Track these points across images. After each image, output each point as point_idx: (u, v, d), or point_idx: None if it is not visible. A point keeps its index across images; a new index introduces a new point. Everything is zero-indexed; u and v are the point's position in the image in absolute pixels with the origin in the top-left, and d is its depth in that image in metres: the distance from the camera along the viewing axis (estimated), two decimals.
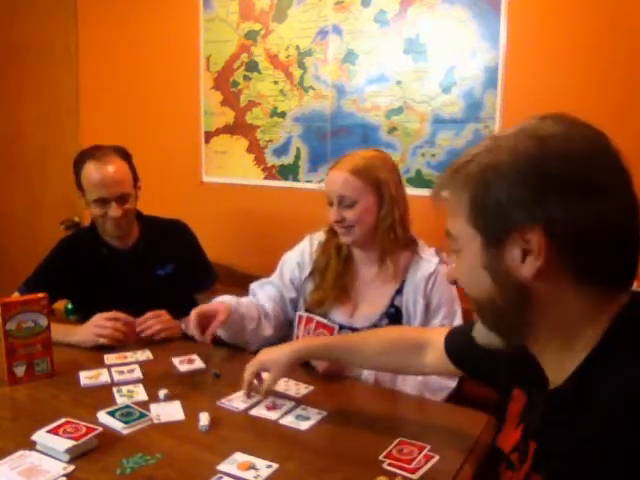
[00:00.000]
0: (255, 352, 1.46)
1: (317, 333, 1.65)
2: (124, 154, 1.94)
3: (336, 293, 1.69)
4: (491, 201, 0.72)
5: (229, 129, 2.62)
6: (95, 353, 1.66)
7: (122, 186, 1.88)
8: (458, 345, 1.18)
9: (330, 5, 2.32)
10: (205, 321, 1.55)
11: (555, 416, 0.74)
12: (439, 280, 1.63)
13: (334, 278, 1.70)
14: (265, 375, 1.37)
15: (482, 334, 0.83)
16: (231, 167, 2.64)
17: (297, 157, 2.47)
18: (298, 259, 1.79)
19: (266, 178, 2.56)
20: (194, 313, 1.53)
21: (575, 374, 0.72)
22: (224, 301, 1.63)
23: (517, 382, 0.89)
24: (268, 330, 1.74)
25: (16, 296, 1.84)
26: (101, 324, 1.71)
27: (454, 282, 0.85)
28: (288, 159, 2.50)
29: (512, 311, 0.75)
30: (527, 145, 0.71)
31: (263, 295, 1.79)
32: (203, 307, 1.58)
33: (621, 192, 0.70)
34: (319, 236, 1.79)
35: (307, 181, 2.46)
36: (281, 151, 2.51)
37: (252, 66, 2.52)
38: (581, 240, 0.69)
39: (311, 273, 1.76)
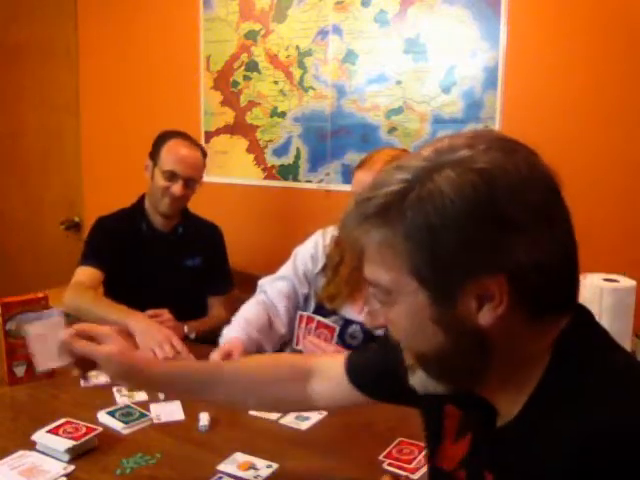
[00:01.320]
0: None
1: (318, 333, 1.65)
2: (204, 152, 2.06)
3: (350, 288, 1.68)
4: (441, 251, 0.62)
5: (229, 129, 2.62)
6: None
7: (195, 171, 1.97)
8: (363, 367, 1.01)
9: (330, 5, 2.32)
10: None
11: (508, 453, 0.70)
12: None
13: (348, 273, 1.68)
14: None
15: (422, 384, 0.73)
16: (231, 167, 2.64)
17: (297, 157, 2.47)
18: (311, 251, 1.78)
19: (266, 178, 2.56)
20: (214, 358, 1.50)
21: (524, 410, 0.68)
22: (238, 337, 1.60)
23: (450, 401, 0.82)
24: (282, 329, 1.73)
25: (83, 269, 1.91)
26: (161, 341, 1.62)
27: (381, 327, 0.75)
28: (288, 159, 2.50)
29: (466, 360, 0.68)
30: (471, 181, 0.61)
31: (274, 292, 1.76)
32: (220, 350, 1.52)
33: (564, 214, 0.66)
34: (332, 230, 1.78)
35: (307, 181, 2.46)
36: (281, 151, 2.51)
37: (252, 66, 2.52)
38: (539, 274, 0.63)
39: (323, 267, 1.75)
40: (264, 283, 1.81)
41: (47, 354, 1.20)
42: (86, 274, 1.89)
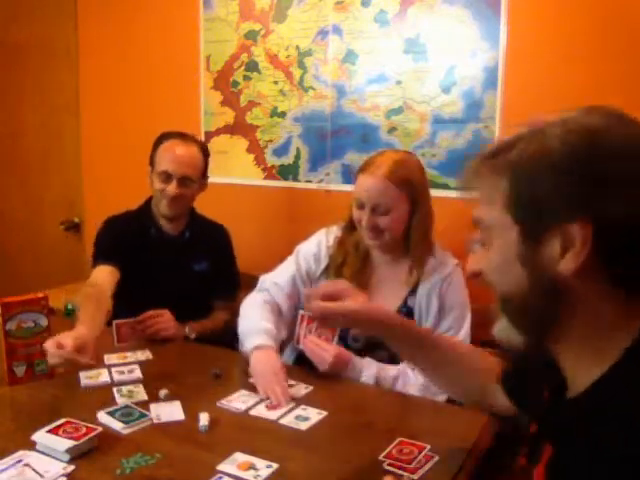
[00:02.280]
0: None
1: (318, 333, 1.65)
2: (204, 148, 2.02)
3: (358, 289, 1.67)
4: (536, 192, 0.67)
5: (229, 129, 2.62)
6: (95, 353, 1.66)
7: (189, 169, 1.93)
8: (515, 384, 1.05)
9: (330, 5, 2.32)
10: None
11: (573, 426, 0.71)
12: (455, 282, 1.64)
13: (351, 275, 1.67)
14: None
15: (504, 331, 0.77)
16: (231, 167, 2.64)
17: (297, 157, 2.47)
18: (314, 250, 1.76)
19: (266, 178, 2.56)
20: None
21: (597, 384, 0.69)
22: (272, 346, 1.55)
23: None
24: (283, 330, 1.69)
25: (98, 270, 1.88)
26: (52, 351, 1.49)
27: (476, 275, 0.79)
28: (288, 159, 2.50)
29: (542, 307, 0.71)
30: (579, 136, 0.67)
31: (278, 293, 1.73)
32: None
33: None
34: (335, 231, 1.76)
35: (307, 181, 2.46)
36: (281, 151, 2.51)
37: (252, 66, 2.53)
38: (626, 239, 0.65)
39: (326, 268, 1.74)
40: (265, 280, 1.78)
41: None
42: (102, 272, 1.86)
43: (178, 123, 2.73)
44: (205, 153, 2.02)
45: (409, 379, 1.55)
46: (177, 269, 2.00)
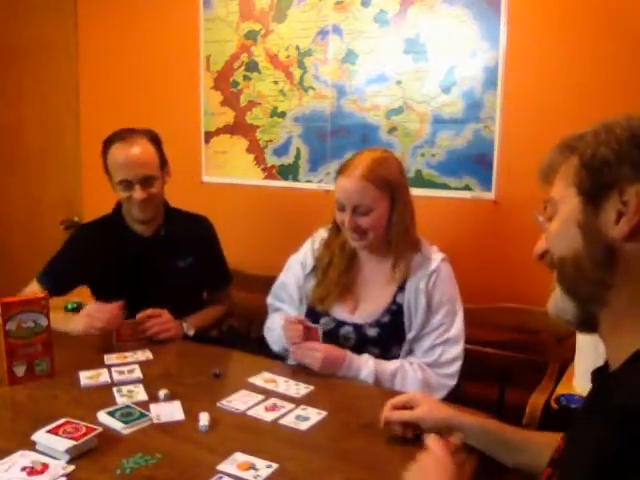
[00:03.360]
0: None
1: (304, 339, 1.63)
2: (153, 137, 1.92)
3: (339, 290, 1.69)
4: (599, 158, 0.75)
5: (229, 129, 2.62)
6: (95, 353, 1.66)
7: (146, 168, 1.85)
8: None
9: (330, 5, 2.32)
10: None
11: (597, 400, 0.76)
12: (441, 278, 1.64)
13: (337, 275, 1.70)
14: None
15: (556, 303, 0.83)
16: (231, 167, 2.64)
17: (297, 157, 2.47)
18: (301, 259, 1.79)
19: (266, 178, 2.56)
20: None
21: (631, 359, 0.73)
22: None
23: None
24: None
25: (34, 285, 1.87)
26: (94, 315, 1.70)
27: (542, 257, 0.84)
28: (288, 159, 2.50)
29: (595, 271, 0.76)
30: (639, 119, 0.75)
31: (288, 309, 1.79)
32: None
33: None
34: (321, 234, 1.78)
35: (307, 181, 2.46)
36: (281, 151, 2.51)
37: (252, 66, 2.53)
38: None
39: (313, 269, 1.76)
40: (272, 300, 1.85)
41: None
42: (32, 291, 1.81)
43: (178, 123, 2.75)
44: (156, 141, 1.92)
45: (407, 374, 1.55)
46: (161, 269, 1.94)
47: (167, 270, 1.95)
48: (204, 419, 1.27)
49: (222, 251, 2.13)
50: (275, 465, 1.12)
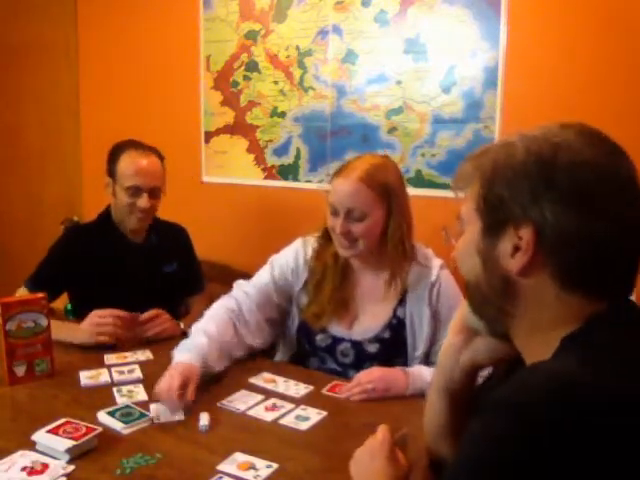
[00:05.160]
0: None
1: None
2: (159, 155, 1.99)
3: (333, 307, 1.60)
4: (495, 194, 0.76)
5: (229, 129, 2.62)
6: (95, 353, 1.66)
7: (156, 179, 1.93)
8: None
9: (330, 5, 2.32)
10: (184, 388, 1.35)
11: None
12: (444, 287, 1.57)
13: (331, 290, 1.60)
14: None
15: (472, 317, 0.87)
16: (231, 167, 2.64)
17: (297, 157, 2.47)
18: (292, 265, 1.67)
19: (266, 178, 2.56)
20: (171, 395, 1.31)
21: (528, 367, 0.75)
22: (191, 362, 1.41)
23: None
24: (251, 340, 1.62)
25: (22, 291, 1.86)
26: (99, 322, 1.71)
27: (455, 265, 0.87)
28: (288, 159, 2.50)
29: (494, 300, 0.79)
30: (542, 148, 0.74)
31: (246, 301, 1.64)
32: (174, 384, 1.33)
33: (621, 216, 0.72)
34: (313, 242, 1.68)
35: (307, 181, 2.46)
36: (281, 151, 2.51)
37: (252, 66, 2.53)
38: (568, 249, 0.71)
39: (305, 284, 1.66)
40: (239, 286, 1.69)
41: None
42: None
43: (178, 123, 2.75)
44: (162, 159, 1.99)
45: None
46: (149, 274, 2.00)
47: (155, 275, 2.01)
48: (204, 419, 1.27)
49: (198, 259, 2.19)
50: (275, 465, 1.12)
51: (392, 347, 1.58)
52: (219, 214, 2.68)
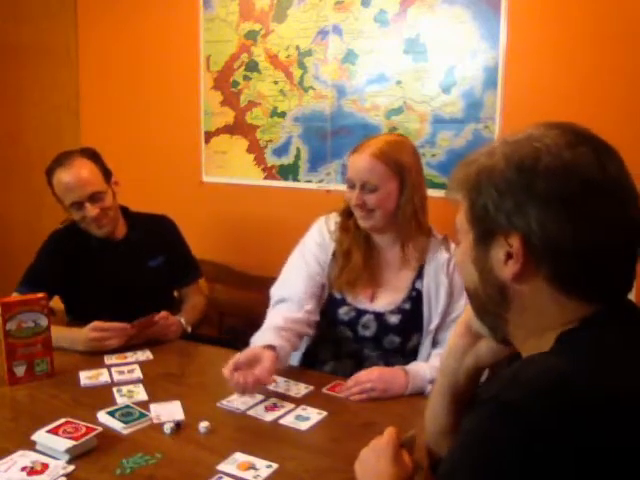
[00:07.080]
0: None
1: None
2: (90, 154, 1.94)
3: (369, 271, 1.66)
4: (481, 204, 0.76)
5: (229, 129, 2.62)
6: (95, 353, 1.66)
7: (91, 186, 1.87)
8: None
9: (330, 5, 2.32)
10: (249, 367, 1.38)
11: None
12: None
13: (362, 258, 1.66)
14: None
15: (476, 321, 0.88)
16: (231, 167, 2.64)
17: (297, 157, 2.47)
18: (318, 240, 1.72)
19: (266, 178, 2.56)
20: (237, 362, 1.36)
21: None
22: (272, 344, 1.44)
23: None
24: (308, 330, 1.64)
25: (15, 296, 1.85)
26: (101, 337, 1.68)
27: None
28: (288, 159, 2.50)
29: (493, 307, 0.80)
30: (522, 155, 0.73)
31: (292, 307, 1.63)
32: (246, 353, 1.40)
33: (606, 219, 0.71)
34: (334, 217, 1.74)
35: (307, 181, 2.46)
36: (281, 151, 2.51)
37: (252, 66, 2.52)
38: (558, 255, 0.71)
39: (333, 254, 1.70)
40: (276, 294, 1.69)
41: None
42: None
43: (178, 123, 2.75)
44: (94, 157, 1.94)
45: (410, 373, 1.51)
46: (134, 271, 1.97)
47: (140, 271, 1.98)
48: (204, 421, 1.26)
49: (188, 246, 2.14)
50: (275, 465, 1.12)
51: (411, 319, 1.64)
52: (219, 214, 2.68)
